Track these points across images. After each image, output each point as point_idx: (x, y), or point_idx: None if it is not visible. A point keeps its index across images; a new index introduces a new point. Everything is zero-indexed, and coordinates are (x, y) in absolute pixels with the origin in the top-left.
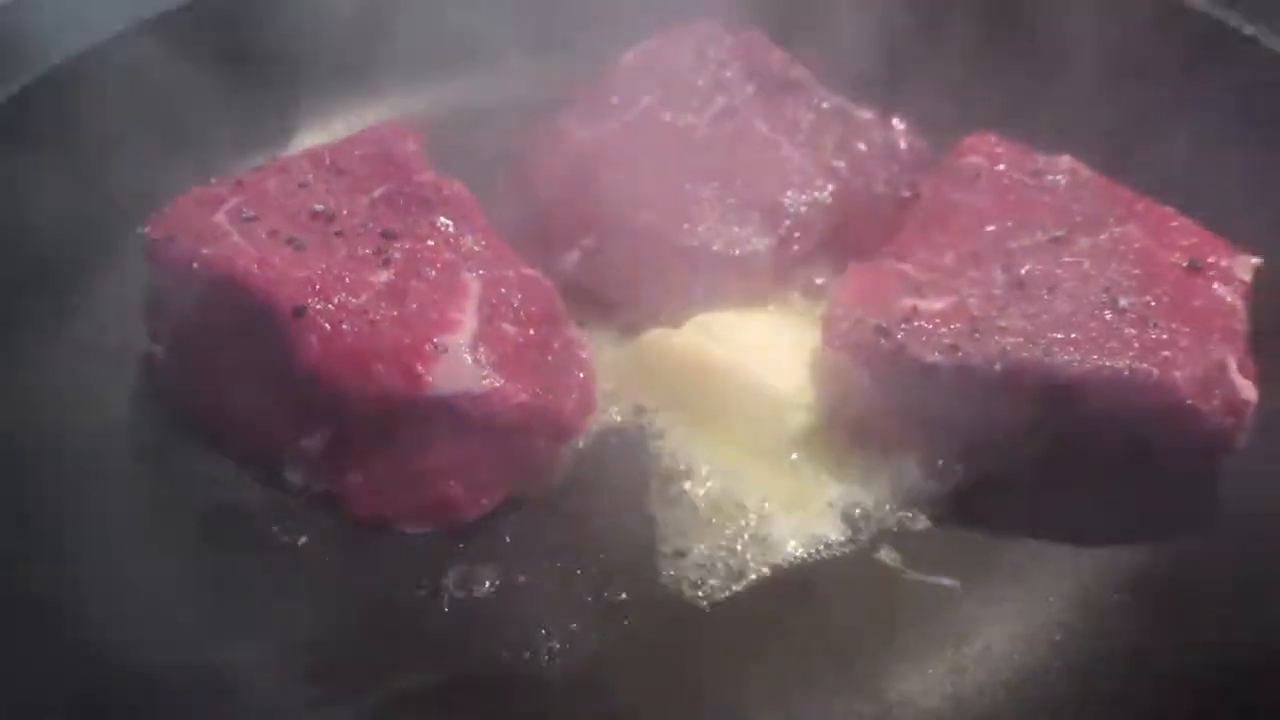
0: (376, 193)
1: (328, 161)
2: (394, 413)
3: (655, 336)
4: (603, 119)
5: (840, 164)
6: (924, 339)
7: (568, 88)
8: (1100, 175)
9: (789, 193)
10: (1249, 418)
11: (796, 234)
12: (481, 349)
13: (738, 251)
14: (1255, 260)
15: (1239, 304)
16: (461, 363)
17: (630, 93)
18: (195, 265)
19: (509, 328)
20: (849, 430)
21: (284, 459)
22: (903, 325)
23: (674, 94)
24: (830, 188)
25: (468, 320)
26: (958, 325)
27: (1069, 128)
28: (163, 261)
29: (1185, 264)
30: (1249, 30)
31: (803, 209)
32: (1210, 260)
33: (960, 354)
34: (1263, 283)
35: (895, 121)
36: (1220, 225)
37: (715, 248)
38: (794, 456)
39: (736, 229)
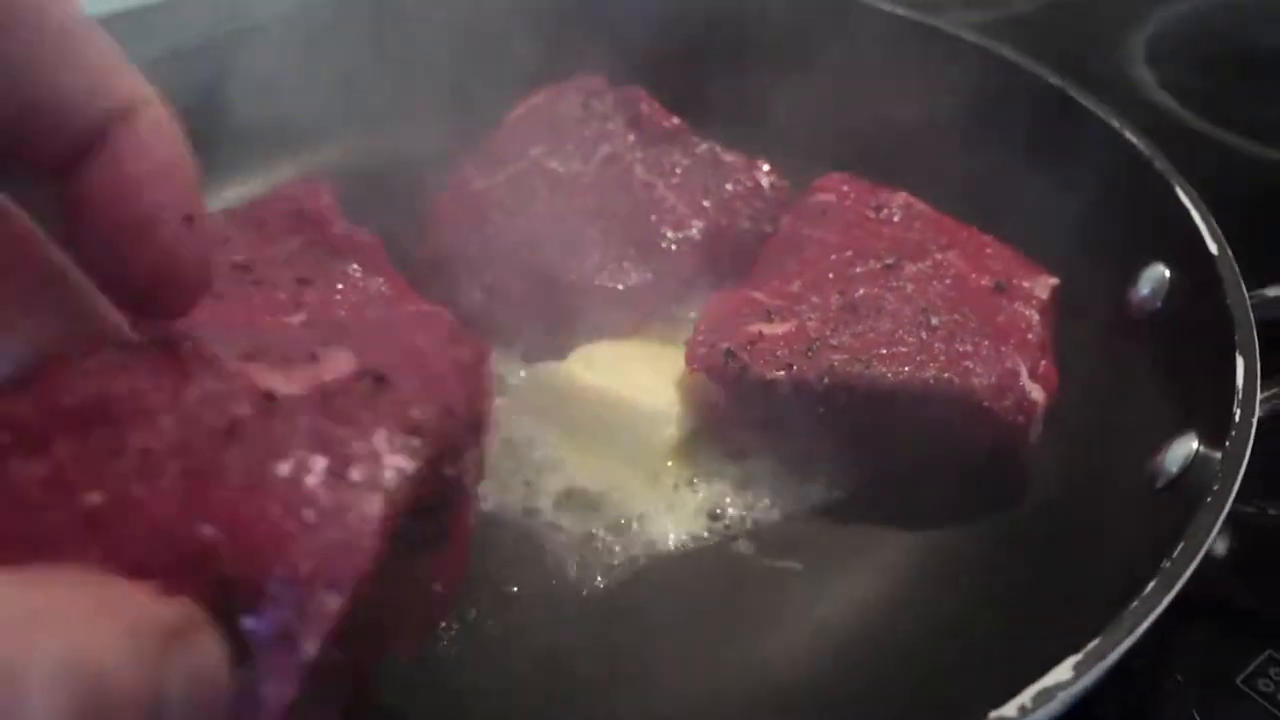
0: (292, 244)
1: (246, 217)
2: None
3: (544, 367)
4: (497, 169)
5: (708, 204)
6: (765, 359)
7: (469, 141)
8: (932, 209)
9: (664, 231)
10: (1037, 416)
11: (670, 269)
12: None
13: (619, 286)
14: (1053, 280)
15: (1036, 318)
16: None
17: (522, 144)
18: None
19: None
20: (713, 441)
21: None
22: (748, 347)
23: (561, 144)
24: (700, 225)
25: None
26: (796, 345)
27: (931, 175)
28: None
29: (993, 285)
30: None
31: (674, 246)
32: (1014, 281)
33: (794, 370)
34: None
35: (760, 164)
36: (1040, 253)
37: (597, 282)
38: (668, 464)
39: (617, 266)
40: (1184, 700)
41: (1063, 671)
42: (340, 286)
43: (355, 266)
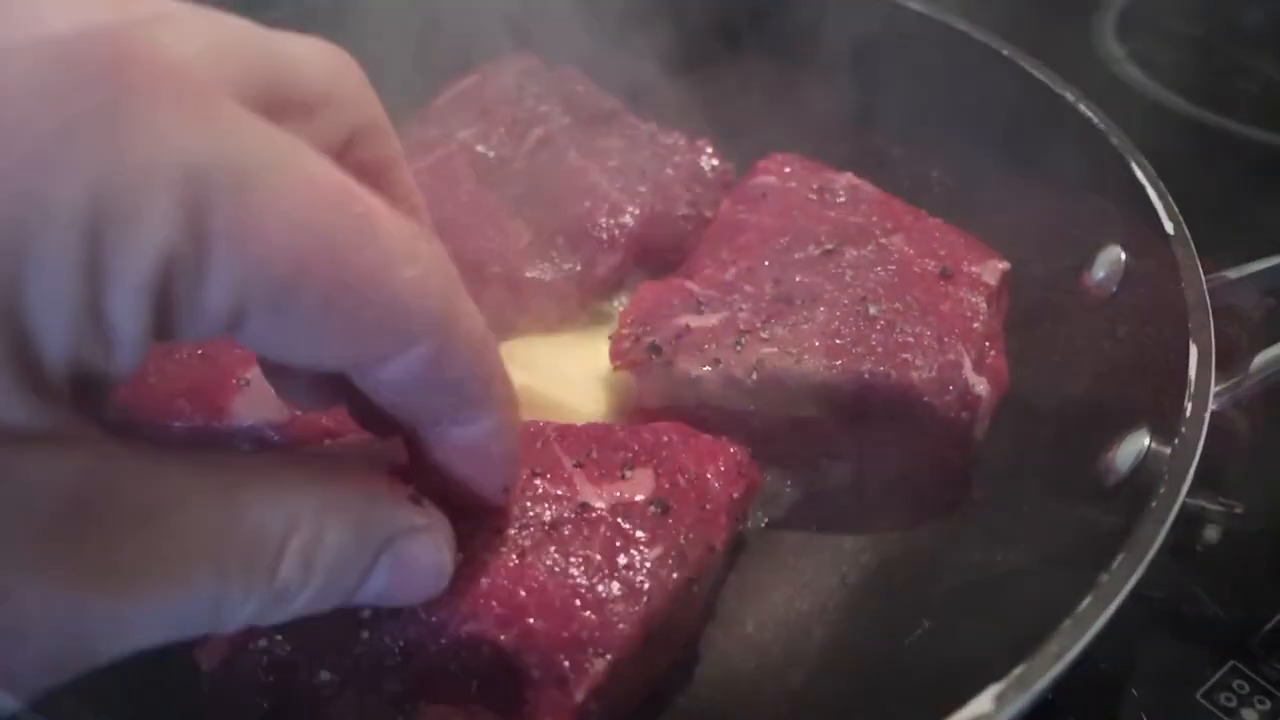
0: None
1: None
2: (205, 444)
3: None
4: (422, 154)
5: (644, 189)
6: (691, 354)
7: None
8: (879, 191)
9: (596, 218)
10: (982, 411)
11: (602, 258)
12: None
13: (547, 277)
14: (1003, 265)
15: (983, 306)
16: (263, 394)
17: (449, 126)
18: None
19: None
20: None
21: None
22: (674, 340)
23: (492, 127)
24: (635, 212)
25: None
26: (724, 339)
27: (878, 156)
28: None
29: (939, 271)
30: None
31: (606, 234)
32: (962, 266)
33: (721, 366)
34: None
35: (702, 145)
36: (991, 235)
37: (526, 274)
38: None
39: (545, 255)
40: (1141, 715)
41: (983, 703)
42: None
43: None
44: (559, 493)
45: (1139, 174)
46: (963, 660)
